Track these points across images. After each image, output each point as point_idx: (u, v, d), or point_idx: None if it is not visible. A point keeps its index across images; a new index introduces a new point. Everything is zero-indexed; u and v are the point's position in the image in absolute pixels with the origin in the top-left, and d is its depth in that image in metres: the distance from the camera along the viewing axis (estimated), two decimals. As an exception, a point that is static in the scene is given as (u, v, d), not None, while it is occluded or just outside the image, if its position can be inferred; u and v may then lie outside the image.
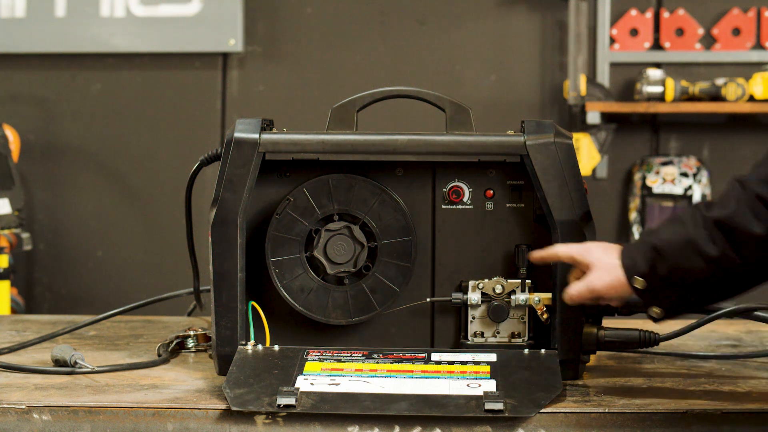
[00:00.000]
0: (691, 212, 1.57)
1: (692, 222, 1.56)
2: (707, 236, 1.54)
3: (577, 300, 1.66)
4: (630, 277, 1.59)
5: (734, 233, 1.53)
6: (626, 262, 1.60)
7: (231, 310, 1.76)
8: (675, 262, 1.56)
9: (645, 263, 1.58)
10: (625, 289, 1.61)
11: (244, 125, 1.77)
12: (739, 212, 1.52)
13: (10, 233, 4.35)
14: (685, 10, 4.66)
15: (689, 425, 1.56)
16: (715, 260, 1.54)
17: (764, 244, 1.52)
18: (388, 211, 1.78)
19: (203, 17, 4.80)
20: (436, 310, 1.81)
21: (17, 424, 1.58)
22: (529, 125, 1.76)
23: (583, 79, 4.57)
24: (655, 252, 1.58)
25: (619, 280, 1.61)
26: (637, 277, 1.59)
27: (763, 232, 1.52)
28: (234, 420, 1.58)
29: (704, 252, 1.54)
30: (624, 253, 1.61)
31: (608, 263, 1.62)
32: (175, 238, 4.83)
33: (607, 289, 1.63)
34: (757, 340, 2.11)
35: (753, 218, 1.52)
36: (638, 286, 1.59)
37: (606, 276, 1.62)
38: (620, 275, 1.61)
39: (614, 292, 1.63)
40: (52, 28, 4.84)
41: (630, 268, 1.59)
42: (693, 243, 1.55)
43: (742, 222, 1.52)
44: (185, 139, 4.89)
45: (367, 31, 4.86)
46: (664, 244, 1.57)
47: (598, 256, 1.64)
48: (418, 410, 1.56)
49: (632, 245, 1.62)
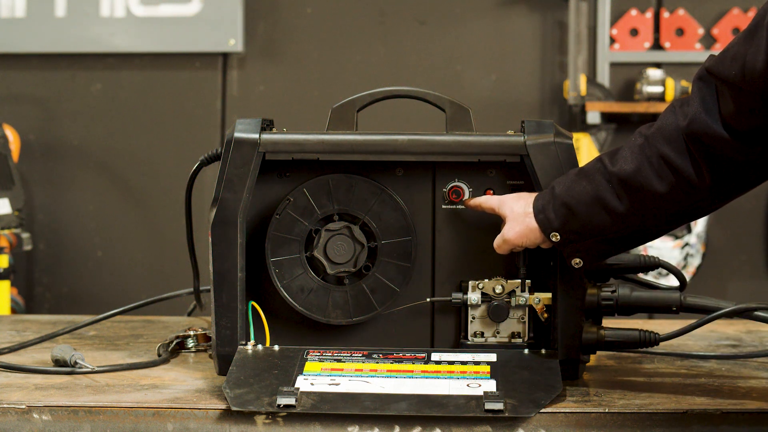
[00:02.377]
0: (598, 166, 1.63)
1: (599, 176, 1.62)
2: (612, 192, 1.61)
3: (500, 251, 1.73)
4: (546, 232, 1.66)
5: (638, 191, 1.59)
6: (540, 217, 1.67)
7: (231, 310, 1.76)
8: (585, 218, 1.63)
9: (557, 219, 1.65)
10: (536, 236, 1.68)
11: (244, 125, 1.77)
12: (642, 171, 1.59)
13: (10, 233, 4.35)
14: (685, 10, 4.66)
15: (689, 425, 1.56)
16: (622, 215, 1.61)
17: (667, 201, 1.59)
18: (388, 211, 1.78)
19: (203, 17, 4.80)
20: (436, 310, 1.81)
21: (17, 424, 1.58)
22: (529, 125, 1.76)
23: (583, 79, 4.57)
24: (566, 209, 1.64)
25: (529, 228, 1.68)
26: (553, 233, 1.66)
27: (665, 191, 1.58)
28: (234, 420, 1.58)
29: (611, 208, 1.62)
30: (536, 207, 1.67)
31: (519, 212, 1.69)
32: (175, 238, 4.83)
33: (518, 238, 1.69)
34: (757, 340, 2.11)
35: (655, 177, 1.58)
36: (555, 240, 1.67)
37: (516, 226, 1.69)
38: (530, 224, 1.68)
39: (527, 240, 1.69)
40: (52, 28, 4.84)
41: (545, 224, 1.66)
42: (600, 199, 1.62)
43: (645, 181, 1.59)
44: (185, 139, 4.89)
45: (367, 31, 4.86)
46: (574, 202, 1.64)
47: (511, 206, 1.71)
48: (418, 410, 1.56)
49: (544, 198, 1.67)
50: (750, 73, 1.48)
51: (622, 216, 1.61)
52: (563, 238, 1.65)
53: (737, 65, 1.50)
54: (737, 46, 1.52)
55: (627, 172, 1.59)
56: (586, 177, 1.63)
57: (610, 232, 1.64)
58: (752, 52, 1.48)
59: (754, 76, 1.48)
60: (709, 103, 1.55)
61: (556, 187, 1.66)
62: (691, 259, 4.68)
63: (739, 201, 1.69)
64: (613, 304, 1.77)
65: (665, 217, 1.62)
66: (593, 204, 1.62)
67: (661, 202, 1.59)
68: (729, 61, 1.52)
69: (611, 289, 1.77)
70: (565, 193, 1.64)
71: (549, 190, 1.67)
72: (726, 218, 4.67)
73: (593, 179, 1.62)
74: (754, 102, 1.50)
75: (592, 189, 1.62)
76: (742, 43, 1.51)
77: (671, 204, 1.60)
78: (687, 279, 1.88)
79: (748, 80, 1.49)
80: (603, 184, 1.61)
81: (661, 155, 1.58)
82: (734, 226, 4.69)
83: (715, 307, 1.79)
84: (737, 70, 1.50)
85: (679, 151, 1.57)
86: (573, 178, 1.65)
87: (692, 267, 4.68)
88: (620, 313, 1.79)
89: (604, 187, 1.61)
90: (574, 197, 1.63)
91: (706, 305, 1.79)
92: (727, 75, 1.52)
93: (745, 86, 1.50)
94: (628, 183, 1.60)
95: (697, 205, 1.60)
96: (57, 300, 4.97)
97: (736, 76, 1.50)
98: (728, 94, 1.52)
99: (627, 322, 1.83)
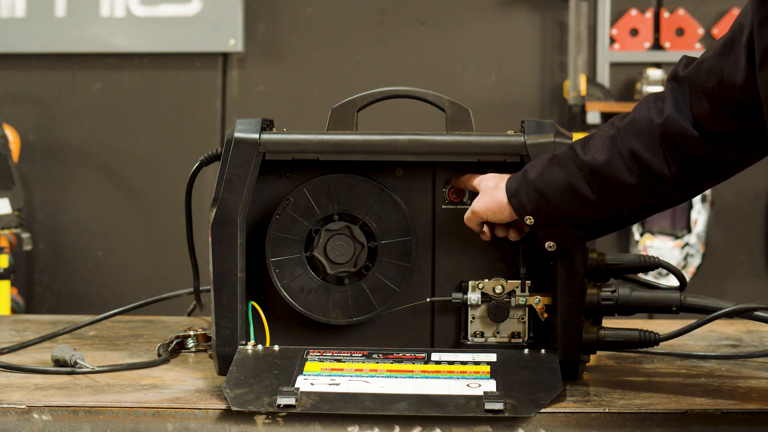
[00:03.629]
0: (570, 154, 1.66)
1: (571, 164, 1.64)
2: (584, 180, 1.63)
3: (469, 224, 1.75)
4: (520, 215, 1.68)
5: (607, 181, 1.62)
6: (514, 201, 1.68)
7: (231, 310, 1.76)
8: (558, 204, 1.66)
9: (531, 204, 1.67)
10: (502, 211, 1.70)
11: (244, 125, 1.77)
12: (613, 163, 1.62)
13: (10, 233, 4.35)
14: (685, 10, 4.66)
15: (689, 425, 1.56)
16: (592, 203, 1.64)
17: (636, 192, 1.62)
18: (388, 211, 1.78)
19: (203, 17, 4.80)
20: (436, 310, 1.81)
21: (17, 424, 1.58)
22: (529, 125, 1.76)
23: (583, 79, 4.57)
24: (538, 194, 1.66)
25: (496, 201, 1.70)
26: (527, 216, 1.68)
27: (633, 183, 1.61)
28: (234, 420, 1.58)
29: (582, 196, 1.64)
30: (510, 189, 1.69)
31: (490, 186, 1.72)
32: (175, 238, 4.83)
33: (485, 210, 1.71)
34: (757, 340, 2.11)
35: (625, 169, 1.61)
36: (529, 222, 1.68)
37: (484, 197, 1.72)
38: (497, 197, 1.70)
39: (492, 214, 1.71)
40: (52, 28, 4.84)
41: (518, 208, 1.68)
42: (572, 187, 1.64)
43: (614, 173, 1.62)
44: (185, 139, 4.89)
45: (367, 31, 4.86)
46: (547, 188, 1.66)
47: (486, 182, 1.73)
48: (418, 410, 1.56)
49: (517, 182, 1.69)
50: (729, 86, 1.53)
51: (593, 204, 1.64)
52: (537, 221, 1.68)
53: (714, 79, 1.55)
54: (713, 59, 1.56)
55: (598, 162, 1.62)
56: (559, 163, 1.66)
57: (582, 219, 1.66)
58: (729, 66, 1.53)
59: (734, 91, 1.53)
60: (681, 105, 1.59)
61: (529, 172, 1.68)
62: (691, 259, 4.68)
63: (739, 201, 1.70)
64: (613, 304, 1.77)
65: (635, 206, 1.66)
66: (565, 191, 1.65)
67: (630, 193, 1.63)
68: (705, 74, 1.57)
69: (611, 289, 1.77)
70: (538, 178, 1.66)
71: (522, 173, 1.69)
72: (726, 218, 4.67)
73: (566, 166, 1.65)
74: (730, 108, 1.54)
75: (565, 176, 1.64)
76: (718, 57, 1.55)
77: (640, 195, 1.63)
78: (687, 279, 1.88)
79: (727, 93, 1.54)
80: (575, 171, 1.64)
81: (631, 150, 1.61)
82: (734, 226, 4.69)
83: (715, 307, 1.79)
84: (714, 83, 1.55)
85: (649, 146, 1.60)
86: (546, 164, 1.67)
87: (692, 267, 4.68)
88: (620, 313, 1.79)
89: (576, 174, 1.64)
90: (548, 183, 1.66)
91: (706, 305, 1.79)
92: (705, 87, 1.56)
93: (723, 97, 1.54)
94: (599, 173, 1.63)
95: (665, 197, 1.64)
96: (57, 300, 4.97)
97: (714, 89, 1.55)
98: (704, 99, 1.57)
99: (627, 322, 1.83)
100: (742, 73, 1.50)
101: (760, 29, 1.45)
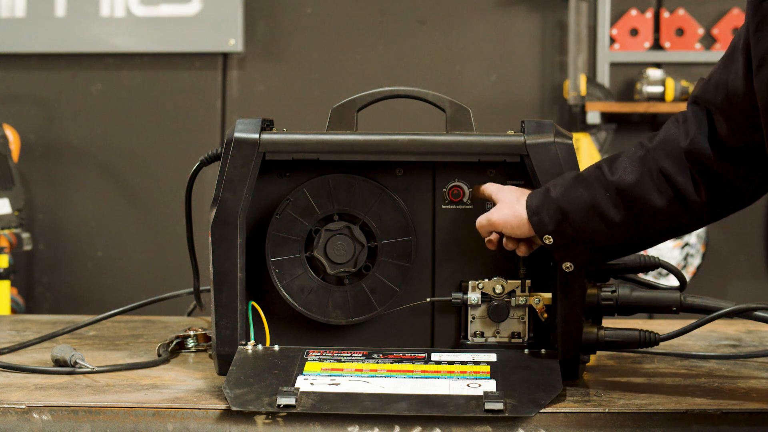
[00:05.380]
0: (596, 174, 1.63)
1: (597, 184, 1.61)
2: (610, 201, 1.60)
3: (481, 231, 1.73)
4: (540, 234, 1.65)
5: (635, 203, 1.59)
6: (534, 219, 1.66)
7: (231, 310, 1.76)
8: (580, 225, 1.63)
9: (552, 223, 1.64)
10: (520, 227, 1.67)
11: (244, 125, 1.77)
12: (642, 183, 1.59)
13: (10, 233, 4.35)
14: (685, 10, 4.66)
15: (689, 425, 1.56)
16: (617, 225, 1.61)
17: (664, 215, 1.59)
18: (388, 211, 1.78)
19: (203, 17, 4.80)
20: (436, 310, 1.81)
21: (17, 424, 1.58)
22: (529, 125, 1.76)
23: (583, 79, 4.57)
24: (561, 214, 1.63)
25: (516, 215, 1.67)
26: (547, 236, 1.65)
27: (663, 206, 1.58)
28: (234, 420, 1.58)
29: (607, 217, 1.61)
30: (531, 207, 1.66)
31: (511, 198, 1.69)
32: (175, 238, 4.83)
33: (502, 223, 1.69)
34: (757, 340, 2.11)
35: (655, 190, 1.59)
36: (548, 242, 1.66)
37: (504, 209, 1.69)
38: (518, 211, 1.67)
39: (509, 227, 1.68)
40: (52, 28, 4.85)
41: (539, 226, 1.65)
42: (597, 207, 1.61)
43: (644, 194, 1.59)
44: (185, 139, 4.89)
45: (367, 31, 4.86)
46: (570, 207, 1.63)
47: (505, 194, 1.71)
48: (418, 410, 1.56)
49: (539, 199, 1.66)
50: (734, 97, 1.52)
51: (617, 225, 1.61)
52: (556, 241, 1.65)
53: (721, 92, 1.54)
54: (718, 74, 1.56)
55: (626, 183, 1.59)
56: (584, 183, 1.63)
57: (603, 241, 1.64)
58: (732, 77, 1.52)
59: (738, 100, 1.51)
60: (704, 126, 1.57)
61: (551, 190, 1.66)
62: (691, 259, 4.68)
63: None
64: (613, 304, 1.77)
65: (659, 230, 1.63)
66: (589, 212, 1.62)
67: (657, 215, 1.60)
68: (713, 89, 1.56)
69: (611, 289, 1.77)
70: (561, 197, 1.64)
71: (544, 191, 1.67)
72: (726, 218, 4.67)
73: (591, 187, 1.62)
74: (741, 120, 1.52)
75: (589, 196, 1.62)
76: (722, 70, 1.55)
77: (667, 218, 1.60)
78: (687, 279, 1.88)
79: (734, 104, 1.52)
80: (600, 192, 1.61)
81: (661, 170, 1.58)
82: (734, 226, 4.69)
83: (715, 307, 1.79)
84: (722, 97, 1.53)
85: (680, 167, 1.57)
86: (570, 183, 1.65)
87: (692, 267, 4.68)
88: (620, 313, 1.79)
89: (602, 195, 1.61)
90: (571, 203, 1.63)
91: (706, 305, 1.79)
92: (715, 103, 1.55)
93: (732, 110, 1.53)
94: (627, 194, 1.60)
95: (690, 221, 1.62)
96: (57, 300, 4.97)
97: (722, 102, 1.54)
98: (720, 117, 1.55)
99: (627, 322, 1.83)
100: (742, 80, 1.49)
101: (756, 34, 1.45)
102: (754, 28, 1.45)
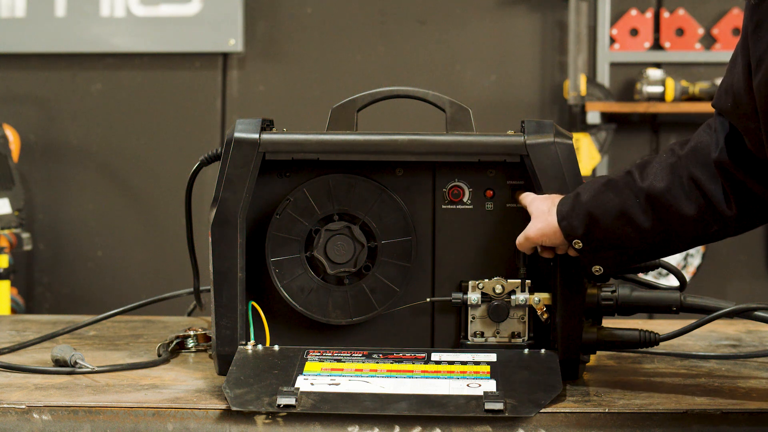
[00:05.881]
0: (627, 179, 1.62)
1: (627, 190, 1.61)
2: (639, 207, 1.60)
3: (521, 249, 1.73)
4: (569, 239, 1.66)
5: (665, 210, 1.59)
6: (564, 224, 1.66)
7: (231, 310, 1.76)
8: (609, 230, 1.63)
9: (581, 227, 1.64)
10: (556, 236, 1.67)
11: (244, 125, 1.77)
12: (673, 191, 1.58)
13: (10, 233, 4.36)
14: (685, 10, 4.66)
15: (689, 425, 1.56)
16: (646, 231, 1.61)
17: (693, 223, 1.59)
18: (388, 211, 1.78)
19: (203, 17, 4.80)
20: (436, 310, 1.81)
21: (17, 424, 1.58)
22: (529, 125, 1.76)
23: (583, 79, 4.57)
24: (590, 218, 1.63)
25: (550, 225, 1.67)
26: (576, 240, 1.65)
27: (693, 213, 1.58)
28: (234, 420, 1.58)
29: (636, 223, 1.61)
30: (561, 212, 1.66)
31: (543, 210, 1.69)
32: (175, 238, 4.83)
33: (539, 236, 1.69)
34: (757, 340, 2.11)
35: (685, 198, 1.58)
36: (577, 247, 1.66)
37: (538, 223, 1.69)
38: (551, 222, 1.67)
39: (547, 239, 1.69)
40: (52, 28, 4.85)
41: (568, 231, 1.65)
42: (626, 213, 1.61)
43: (674, 201, 1.58)
44: (185, 139, 4.89)
45: (367, 31, 4.86)
46: (600, 212, 1.63)
47: (537, 205, 1.71)
48: (418, 410, 1.56)
49: (568, 204, 1.66)
50: (739, 98, 1.50)
51: (646, 231, 1.61)
52: (585, 246, 1.65)
53: (730, 98, 1.53)
54: (726, 80, 1.55)
55: (657, 189, 1.59)
56: (614, 189, 1.62)
57: (631, 246, 1.63)
58: (736, 79, 1.51)
59: (743, 101, 1.50)
60: (730, 136, 1.55)
61: (581, 195, 1.65)
62: (691, 259, 4.68)
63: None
64: (613, 304, 1.77)
65: (688, 237, 1.62)
66: (619, 217, 1.61)
67: (686, 223, 1.59)
68: (723, 94, 1.55)
69: (611, 289, 1.77)
70: (591, 202, 1.64)
71: (573, 196, 1.66)
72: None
73: (621, 192, 1.61)
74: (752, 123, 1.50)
75: (620, 202, 1.61)
76: (728, 75, 1.54)
77: (696, 226, 1.59)
78: (687, 279, 1.88)
79: (741, 107, 1.51)
80: (631, 198, 1.61)
81: (692, 177, 1.57)
82: (734, 226, 4.69)
83: (715, 307, 1.79)
84: (731, 102, 1.52)
85: (711, 176, 1.57)
86: (600, 188, 1.64)
87: (692, 267, 4.68)
88: (620, 313, 1.79)
89: (632, 201, 1.60)
90: (600, 208, 1.62)
91: (706, 305, 1.79)
92: (725, 108, 1.54)
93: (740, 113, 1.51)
94: (657, 201, 1.59)
95: (719, 231, 1.60)
96: (57, 300, 4.97)
97: (732, 107, 1.53)
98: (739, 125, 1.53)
99: (627, 322, 1.83)
100: (743, 83, 1.48)
101: (755, 35, 1.45)
102: (752, 30, 1.45)
